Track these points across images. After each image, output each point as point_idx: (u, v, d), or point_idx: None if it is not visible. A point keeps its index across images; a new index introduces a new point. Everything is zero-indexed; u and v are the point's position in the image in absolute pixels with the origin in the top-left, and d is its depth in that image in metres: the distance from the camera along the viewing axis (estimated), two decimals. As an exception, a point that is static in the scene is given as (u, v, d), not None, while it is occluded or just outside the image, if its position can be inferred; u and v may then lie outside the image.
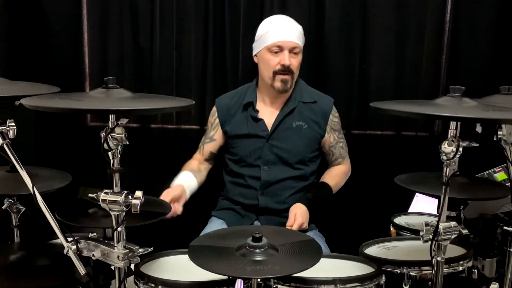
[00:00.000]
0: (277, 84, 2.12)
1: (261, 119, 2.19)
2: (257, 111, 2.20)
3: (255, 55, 2.20)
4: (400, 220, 2.23)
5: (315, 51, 2.60)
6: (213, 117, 2.29)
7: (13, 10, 2.68)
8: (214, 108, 2.30)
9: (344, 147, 2.29)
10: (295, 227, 1.99)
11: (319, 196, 2.15)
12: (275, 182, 2.17)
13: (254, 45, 2.20)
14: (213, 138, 2.26)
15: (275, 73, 2.10)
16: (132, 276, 1.60)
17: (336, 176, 2.26)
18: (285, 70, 2.09)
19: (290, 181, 2.18)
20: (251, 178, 2.19)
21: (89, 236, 1.61)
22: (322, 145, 2.24)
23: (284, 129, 2.18)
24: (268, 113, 2.21)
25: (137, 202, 1.37)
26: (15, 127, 1.59)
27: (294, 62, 2.11)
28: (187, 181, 2.10)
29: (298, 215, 2.02)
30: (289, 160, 2.17)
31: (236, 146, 2.22)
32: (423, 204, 2.42)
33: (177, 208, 1.97)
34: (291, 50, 2.09)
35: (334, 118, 2.24)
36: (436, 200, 1.83)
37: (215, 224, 2.21)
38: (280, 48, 2.09)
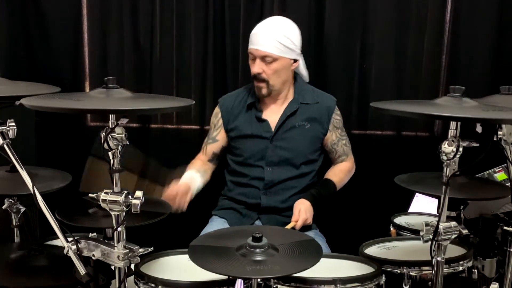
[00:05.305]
0: (255, 89, 2.15)
1: (265, 120, 2.19)
2: (261, 111, 2.20)
3: None
4: (400, 220, 2.23)
5: (315, 51, 2.60)
6: (216, 117, 2.27)
7: (13, 10, 2.68)
8: (217, 109, 2.29)
9: (347, 144, 2.29)
10: (299, 223, 2.00)
11: (323, 192, 2.15)
12: (279, 182, 2.17)
13: None
14: (216, 139, 2.25)
15: (252, 79, 2.13)
16: (132, 276, 1.60)
17: (340, 172, 2.26)
18: (256, 78, 2.10)
19: (293, 180, 2.18)
20: (254, 178, 2.19)
21: (89, 236, 1.61)
22: (324, 143, 2.24)
23: (288, 130, 2.18)
24: (271, 114, 2.20)
25: (137, 202, 1.37)
26: (15, 127, 1.59)
27: (267, 70, 2.08)
28: (192, 179, 2.08)
29: (303, 210, 2.03)
30: (293, 160, 2.17)
31: (239, 147, 2.21)
32: (423, 204, 2.42)
33: (183, 204, 1.96)
34: (263, 59, 2.07)
35: (336, 116, 2.24)
36: (436, 200, 1.83)
37: (216, 223, 2.21)
38: (253, 56, 2.10)
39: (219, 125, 2.26)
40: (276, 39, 2.05)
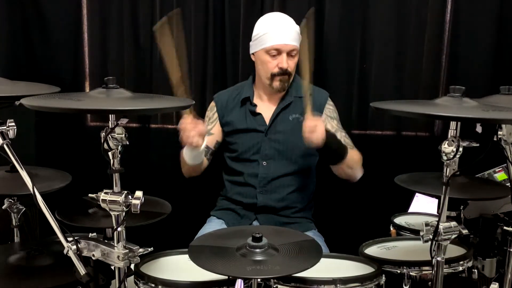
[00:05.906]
0: (276, 84, 2.13)
1: (259, 114, 2.20)
2: (255, 105, 2.21)
3: (253, 53, 2.20)
4: (400, 220, 2.23)
5: (315, 51, 2.58)
6: (212, 111, 2.27)
7: (13, 10, 2.68)
8: (213, 103, 2.29)
9: (347, 138, 2.21)
10: (308, 125, 1.85)
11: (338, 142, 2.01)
12: (274, 178, 2.17)
13: (251, 43, 2.19)
14: (211, 132, 2.23)
15: (273, 75, 2.12)
16: (132, 276, 1.60)
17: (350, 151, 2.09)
18: (283, 72, 2.11)
19: (289, 177, 2.17)
20: (249, 176, 2.19)
21: (89, 236, 1.61)
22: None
23: (281, 123, 2.18)
24: (265, 108, 2.21)
25: (137, 202, 1.37)
26: (15, 127, 1.59)
27: (291, 64, 2.11)
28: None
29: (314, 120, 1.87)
30: (288, 154, 2.17)
31: (235, 142, 2.22)
32: (423, 204, 2.42)
33: (200, 137, 1.85)
34: (289, 53, 2.09)
35: (329, 106, 2.22)
36: (436, 200, 1.83)
37: (214, 224, 2.21)
38: (278, 51, 2.09)
39: (214, 118, 2.25)
40: (297, 32, 2.11)
